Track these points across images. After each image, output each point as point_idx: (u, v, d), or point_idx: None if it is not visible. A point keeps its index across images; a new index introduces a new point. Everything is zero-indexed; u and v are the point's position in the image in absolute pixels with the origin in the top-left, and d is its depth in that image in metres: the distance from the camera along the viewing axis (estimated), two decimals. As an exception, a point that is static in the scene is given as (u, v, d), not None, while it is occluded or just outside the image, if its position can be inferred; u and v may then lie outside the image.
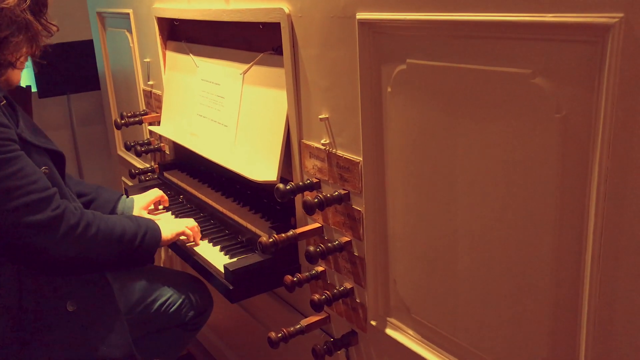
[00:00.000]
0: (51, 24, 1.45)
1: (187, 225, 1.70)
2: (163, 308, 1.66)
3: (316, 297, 1.37)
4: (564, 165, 0.86)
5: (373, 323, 1.34)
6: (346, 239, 1.35)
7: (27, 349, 1.39)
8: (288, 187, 1.36)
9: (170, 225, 1.67)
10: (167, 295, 1.67)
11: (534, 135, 0.89)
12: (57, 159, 1.52)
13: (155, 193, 1.94)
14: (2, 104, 1.38)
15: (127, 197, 1.88)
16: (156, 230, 1.60)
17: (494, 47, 0.91)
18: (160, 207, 1.98)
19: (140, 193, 2.08)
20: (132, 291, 1.60)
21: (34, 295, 1.41)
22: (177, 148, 2.18)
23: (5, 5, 1.30)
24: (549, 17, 0.81)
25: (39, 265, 1.41)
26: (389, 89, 1.14)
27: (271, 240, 1.36)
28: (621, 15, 0.74)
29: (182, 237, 1.69)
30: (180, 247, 1.71)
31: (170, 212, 1.95)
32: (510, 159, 0.93)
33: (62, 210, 1.36)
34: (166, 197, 1.98)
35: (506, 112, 0.92)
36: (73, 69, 3.86)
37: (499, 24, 0.88)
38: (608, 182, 0.80)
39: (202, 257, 1.64)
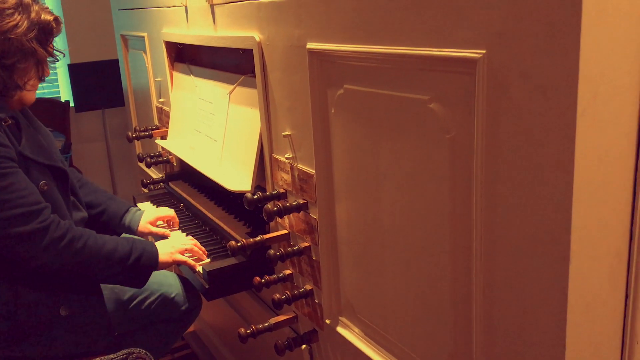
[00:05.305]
0: (58, 51, 1.64)
1: (186, 248, 1.73)
2: (153, 306, 1.82)
3: (276, 296, 1.51)
4: (454, 179, 0.98)
5: (327, 322, 1.47)
6: (306, 244, 1.49)
7: (20, 344, 1.54)
8: (255, 197, 1.51)
9: (169, 248, 1.70)
10: (157, 294, 1.83)
11: (431, 153, 1.01)
12: (59, 175, 1.63)
13: (166, 211, 1.99)
14: (7, 124, 1.54)
15: (136, 205, 2.01)
16: (153, 253, 1.66)
17: (402, 75, 1.04)
18: (176, 227, 2.01)
19: (147, 201, 2.27)
20: (124, 290, 1.75)
21: (30, 300, 1.53)
22: (182, 160, 2.36)
23: (14, 35, 1.49)
24: (434, 51, 0.94)
25: (30, 274, 1.54)
26: (333, 110, 1.28)
27: (239, 244, 1.51)
28: (484, 51, 0.86)
29: (183, 258, 1.71)
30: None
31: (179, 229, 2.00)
32: (415, 174, 1.06)
33: (48, 223, 1.47)
34: (177, 219, 2.01)
35: (412, 133, 1.05)
36: (107, 85, 4.15)
37: (402, 55, 1.02)
38: (483, 193, 0.92)
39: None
